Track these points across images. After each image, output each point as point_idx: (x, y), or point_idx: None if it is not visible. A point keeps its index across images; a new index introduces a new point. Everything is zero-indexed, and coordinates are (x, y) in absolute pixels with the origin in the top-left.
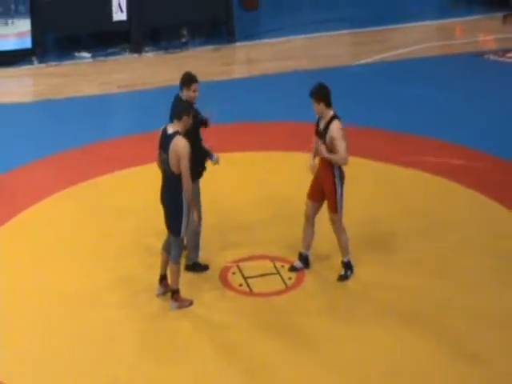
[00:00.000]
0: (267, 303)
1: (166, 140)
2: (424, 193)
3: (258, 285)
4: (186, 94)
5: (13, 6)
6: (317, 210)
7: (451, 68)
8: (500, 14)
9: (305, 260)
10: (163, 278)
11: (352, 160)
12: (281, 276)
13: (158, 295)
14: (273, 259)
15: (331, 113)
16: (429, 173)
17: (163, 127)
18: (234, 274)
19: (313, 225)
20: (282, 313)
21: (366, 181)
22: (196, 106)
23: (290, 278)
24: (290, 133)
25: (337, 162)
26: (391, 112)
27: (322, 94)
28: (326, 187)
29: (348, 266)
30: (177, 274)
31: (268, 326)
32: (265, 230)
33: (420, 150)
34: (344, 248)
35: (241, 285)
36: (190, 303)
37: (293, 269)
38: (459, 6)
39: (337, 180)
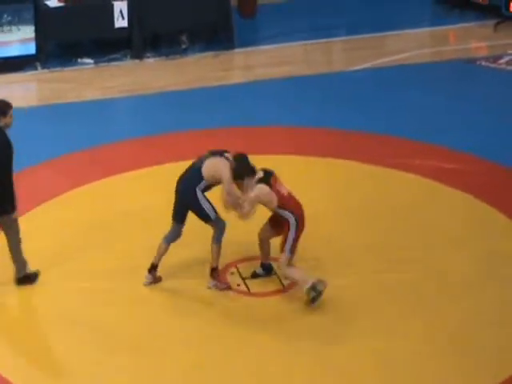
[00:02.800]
0: (264, 303)
1: (215, 152)
2: (415, 195)
3: (255, 285)
4: (3, 122)
5: (17, 14)
6: (270, 237)
7: (444, 74)
8: (492, 22)
9: (267, 267)
10: (154, 268)
11: (345, 163)
12: (278, 276)
13: (145, 284)
14: (272, 260)
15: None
16: (420, 176)
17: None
18: (232, 274)
19: (268, 243)
20: (278, 312)
21: (358, 183)
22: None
23: (286, 279)
24: (286, 136)
25: (239, 211)
26: (384, 117)
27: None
28: (284, 228)
29: (311, 288)
30: (217, 254)
31: (265, 325)
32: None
33: (412, 153)
34: (302, 283)
35: (239, 285)
36: (228, 287)
37: (254, 275)
38: (452, 13)
39: (292, 226)
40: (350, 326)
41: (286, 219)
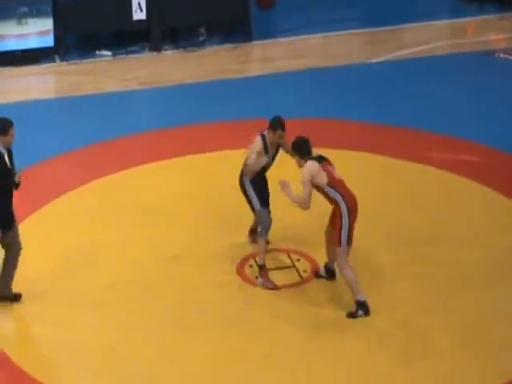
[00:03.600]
0: (282, 295)
1: None
2: (433, 187)
3: (274, 277)
4: (4, 141)
5: (36, 6)
6: (332, 233)
7: (462, 66)
8: (511, 14)
9: (329, 272)
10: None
11: (362, 155)
12: (296, 269)
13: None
14: (288, 252)
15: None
16: (438, 168)
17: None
18: (251, 266)
19: (333, 247)
20: (296, 304)
21: (375, 175)
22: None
23: (305, 271)
24: (304, 128)
25: (298, 204)
26: (403, 109)
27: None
28: (334, 219)
29: (359, 305)
30: (261, 249)
31: (283, 317)
32: (280, 223)
33: (430, 145)
34: (349, 286)
35: (257, 277)
36: (275, 287)
37: (317, 275)
38: (471, 5)
39: (343, 215)
40: (365, 320)
41: (336, 204)
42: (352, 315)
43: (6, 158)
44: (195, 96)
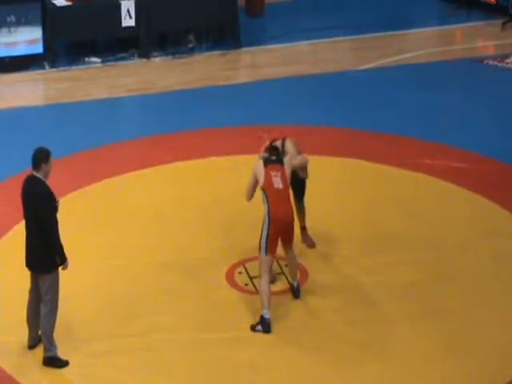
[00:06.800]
0: (272, 302)
1: None
2: (424, 194)
3: None
4: (45, 171)
5: (25, 13)
6: (286, 252)
7: (451, 73)
8: (499, 21)
9: (291, 288)
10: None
11: (353, 162)
12: (285, 275)
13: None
14: (277, 259)
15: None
16: (429, 175)
17: None
18: (240, 273)
19: (290, 257)
20: (285, 311)
21: (367, 182)
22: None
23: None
24: (293, 135)
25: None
26: (392, 116)
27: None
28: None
29: (261, 321)
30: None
31: (273, 323)
32: None
33: (420, 152)
34: (260, 297)
35: (247, 284)
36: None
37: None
38: (459, 12)
39: (265, 222)
40: (355, 326)
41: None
42: (252, 328)
43: None
44: (184, 103)
